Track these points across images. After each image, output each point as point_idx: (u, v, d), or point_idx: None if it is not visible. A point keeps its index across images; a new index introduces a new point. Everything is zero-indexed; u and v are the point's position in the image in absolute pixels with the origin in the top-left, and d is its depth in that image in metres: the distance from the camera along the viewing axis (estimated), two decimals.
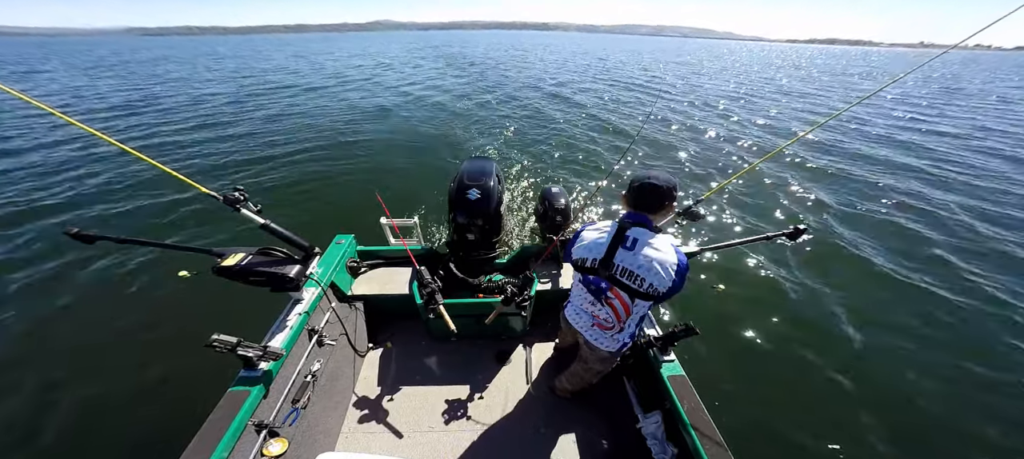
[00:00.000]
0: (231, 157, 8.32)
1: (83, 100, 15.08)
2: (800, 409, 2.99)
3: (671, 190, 1.45)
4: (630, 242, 1.46)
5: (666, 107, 14.46)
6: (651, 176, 1.46)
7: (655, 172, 1.47)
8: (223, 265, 1.74)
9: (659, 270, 1.41)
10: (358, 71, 24.49)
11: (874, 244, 5.26)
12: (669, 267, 1.41)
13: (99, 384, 3.09)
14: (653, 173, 1.47)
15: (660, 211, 1.48)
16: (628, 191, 1.51)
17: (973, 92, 21.91)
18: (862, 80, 27.36)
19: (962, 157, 9.20)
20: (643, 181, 1.46)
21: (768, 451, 2.72)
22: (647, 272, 1.42)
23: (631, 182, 1.50)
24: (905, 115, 14.24)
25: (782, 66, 38.67)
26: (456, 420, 2.19)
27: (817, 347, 3.55)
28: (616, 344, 1.68)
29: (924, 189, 7.17)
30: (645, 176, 1.46)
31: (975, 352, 3.55)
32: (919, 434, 2.88)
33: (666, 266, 1.41)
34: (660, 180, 1.44)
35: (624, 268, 1.46)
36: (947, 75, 33.72)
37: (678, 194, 1.49)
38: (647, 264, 1.42)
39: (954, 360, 3.47)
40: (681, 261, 1.43)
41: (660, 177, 1.45)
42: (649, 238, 1.45)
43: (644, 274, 1.42)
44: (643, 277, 1.43)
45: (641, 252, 1.44)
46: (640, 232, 1.47)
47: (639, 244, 1.45)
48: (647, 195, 1.45)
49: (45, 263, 4.54)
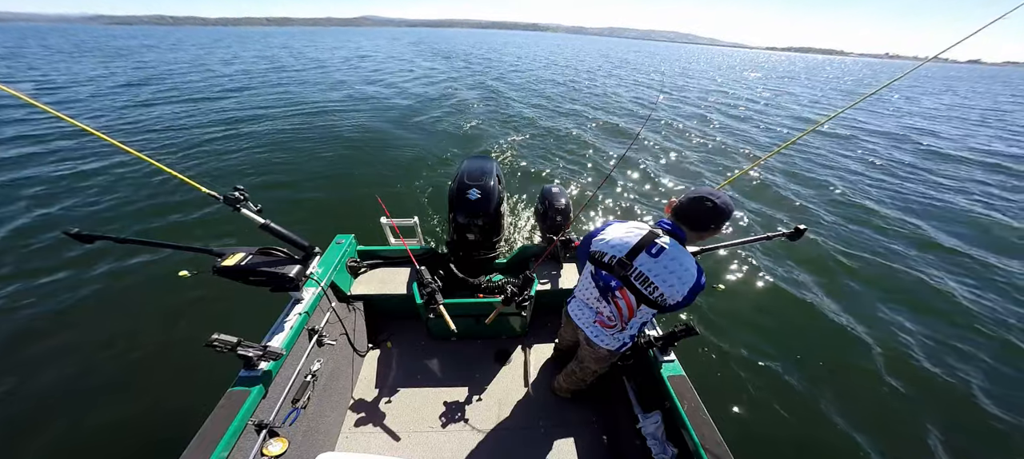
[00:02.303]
0: (231, 157, 8.31)
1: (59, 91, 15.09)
2: (800, 409, 2.99)
3: (725, 216, 1.34)
4: (656, 250, 1.41)
5: (666, 106, 14.47)
6: (711, 195, 1.35)
7: (720, 194, 1.36)
8: (223, 265, 1.73)
9: (675, 283, 1.37)
10: (351, 67, 24.49)
11: (875, 243, 5.27)
12: (686, 283, 1.37)
13: (99, 384, 3.08)
14: (716, 193, 1.36)
15: (702, 231, 1.39)
16: (683, 195, 1.43)
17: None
18: (858, 86, 27.45)
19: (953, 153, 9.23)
20: (698, 195, 1.36)
21: (768, 451, 2.72)
22: (662, 282, 1.39)
23: (687, 193, 1.42)
24: (903, 114, 14.26)
25: (773, 73, 38.68)
26: (456, 420, 2.19)
27: (817, 347, 3.55)
28: (616, 343, 1.67)
29: (923, 185, 7.19)
30: (706, 192, 1.35)
31: (994, 349, 3.56)
32: (920, 434, 2.88)
33: (683, 282, 1.37)
34: (719, 202, 1.33)
35: (641, 273, 1.42)
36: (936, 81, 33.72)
37: (727, 222, 1.36)
38: (665, 275, 1.38)
39: (957, 359, 3.48)
40: (700, 281, 1.39)
41: (721, 199, 1.33)
42: (676, 251, 1.39)
43: (659, 284, 1.39)
44: (657, 286, 1.39)
45: (663, 263, 1.39)
46: (670, 243, 1.41)
47: (664, 255, 1.39)
48: (696, 211, 1.36)
49: (44, 264, 4.53)
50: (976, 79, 51.02)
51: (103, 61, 23.81)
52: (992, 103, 22.98)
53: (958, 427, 2.92)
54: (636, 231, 1.50)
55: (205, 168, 7.75)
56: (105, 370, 3.21)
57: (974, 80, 49.46)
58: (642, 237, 1.46)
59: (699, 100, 16.35)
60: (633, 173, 7.70)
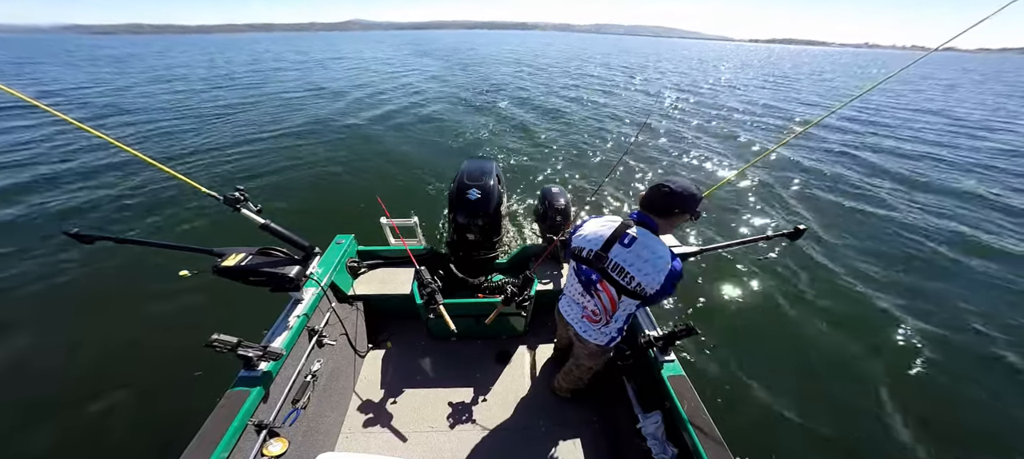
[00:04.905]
0: (231, 158, 8.31)
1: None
2: (800, 409, 2.99)
3: (684, 199, 1.38)
4: (627, 240, 1.47)
5: (666, 105, 14.47)
6: (667, 181, 1.41)
7: (676, 179, 1.43)
8: (223, 265, 1.73)
9: (650, 271, 1.42)
10: (346, 69, 24.53)
11: (875, 242, 5.27)
12: (661, 271, 1.41)
13: (99, 384, 3.08)
14: (672, 179, 1.42)
15: (668, 216, 1.44)
16: (644, 192, 1.50)
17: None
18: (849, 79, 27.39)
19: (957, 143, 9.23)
20: (657, 184, 1.43)
21: (768, 451, 2.72)
22: (637, 271, 1.43)
23: (652, 183, 1.49)
24: (900, 108, 14.26)
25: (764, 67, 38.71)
26: (456, 420, 2.19)
27: (818, 346, 3.55)
28: (605, 338, 1.70)
29: (922, 182, 7.18)
30: (663, 180, 1.43)
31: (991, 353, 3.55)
32: (922, 434, 2.87)
33: (658, 269, 1.41)
34: (675, 186, 1.39)
35: (616, 264, 1.48)
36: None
37: (694, 206, 1.40)
38: (639, 264, 1.43)
39: (958, 360, 3.47)
40: (675, 267, 1.43)
41: (677, 184, 1.40)
42: (648, 239, 1.45)
43: (634, 273, 1.43)
44: (633, 275, 1.44)
45: (636, 251, 1.44)
46: (640, 232, 1.47)
47: (636, 243, 1.45)
48: (656, 198, 1.43)
49: (44, 264, 4.53)
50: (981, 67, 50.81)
51: (95, 67, 23.79)
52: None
53: (963, 427, 2.91)
54: (609, 224, 1.56)
55: (205, 168, 7.75)
56: (105, 370, 3.21)
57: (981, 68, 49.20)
58: (614, 229, 1.52)
59: (699, 96, 16.35)
60: (633, 173, 7.70)
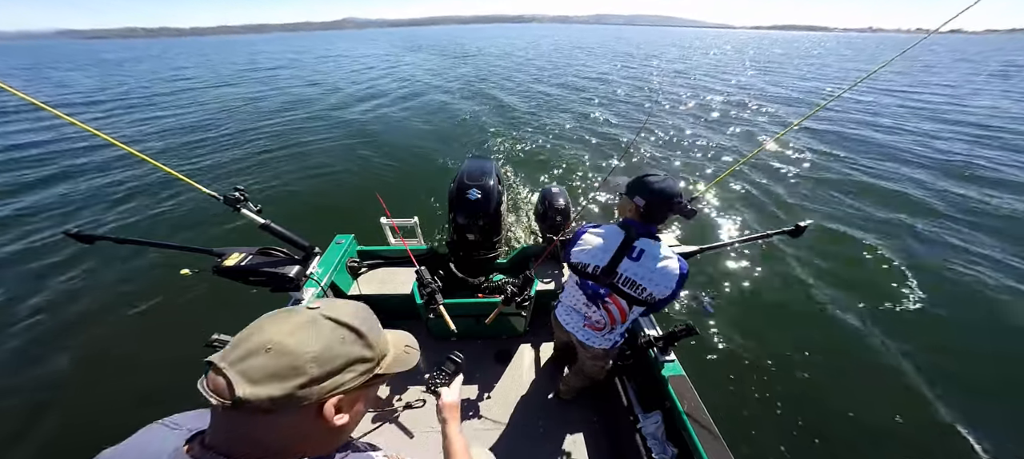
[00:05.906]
0: (230, 158, 8.32)
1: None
2: (801, 409, 2.99)
3: (681, 202, 1.39)
4: (636, 253, 1.44)
5: (666, 103, 14.46)
6: (667, 188, 1.38)
7: (668, 183, 1.41)
8: (223, 265, 1.74)
9: (660, 281, 1.41)
10: (344, 69, 24.53)
11: (875, 242, 5.26)
12: (672, 278, 1.42)
13: (99, 384, 3.09)
14: (667, 184, 1.40)
15: (662, 221, 1.48)
16: (637, 193, 1.43)
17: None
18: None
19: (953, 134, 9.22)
20: (660, 193, 1.38)
21: (768, 451, 2.72)
22: (649, 282, 1.42)
23: (641, 189, 1.42)
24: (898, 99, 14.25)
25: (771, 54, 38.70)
26: None
27: (819, 346, 3.54)
28: (608, 343, 1.69)
29: (920, 179, 7.18)
30: (661, 187, 1.38)
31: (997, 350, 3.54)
32: (923, 434, 2.87)
33: (669, 277, 1.41)
34: (674, 192, 1.38)
35: (628, 278, 1.45)
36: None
37: (676, 201, 1.43)
38: (650, 275, 1.42)
39: (961, 358, 3.47)
40: (683, 270, 1.43)
41: (673, 188, 1.39)
42: (655, 249, 1.44)
43: (647, 284, 1.43)
44: (644, 286, 1.43)
45: (645, 264, 1.43)
46: (647, 243, 1.45)
47: (646, 256, 1.43)
48: (661, 209, 1.40)
49: (44, 264, 4.54)
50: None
51: (98, 71, 23.83)
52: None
53: (971, 427, 2.90)
54: (611, 237, 1.51)
55: (205, 168, 7.76)
56: (104, 370, 3.22)
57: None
58: (619, 244, 1.47)
59: (698, 91, 16.32)
60: (634, 171, 7.67)
